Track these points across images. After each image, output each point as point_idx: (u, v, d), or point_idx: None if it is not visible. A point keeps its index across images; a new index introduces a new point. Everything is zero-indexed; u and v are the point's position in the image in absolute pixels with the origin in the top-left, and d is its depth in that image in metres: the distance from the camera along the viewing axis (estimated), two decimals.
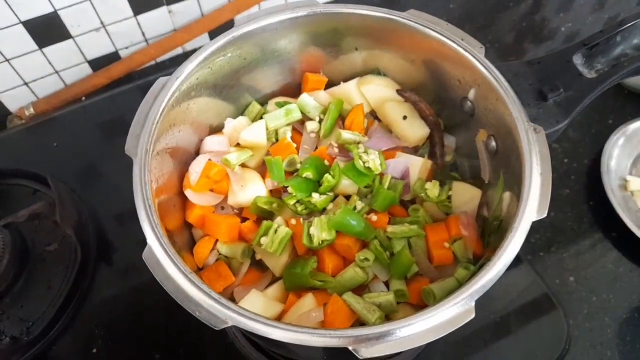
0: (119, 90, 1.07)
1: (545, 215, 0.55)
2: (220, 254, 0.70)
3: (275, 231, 0.66)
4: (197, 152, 0.74)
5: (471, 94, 0.68)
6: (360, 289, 0.65)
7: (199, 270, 0.69)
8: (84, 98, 1.10)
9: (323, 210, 0.69)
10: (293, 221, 0.68)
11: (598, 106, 1.05)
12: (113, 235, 0.90)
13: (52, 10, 0.95)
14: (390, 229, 0.67)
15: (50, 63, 1.04)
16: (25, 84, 1.05)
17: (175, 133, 0.67)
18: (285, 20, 0.70)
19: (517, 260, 0.85)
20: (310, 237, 0.65)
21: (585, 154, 1.00)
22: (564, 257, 0.90)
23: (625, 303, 0.85)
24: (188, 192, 0.70)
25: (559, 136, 1.00)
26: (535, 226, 0.91)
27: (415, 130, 0.75)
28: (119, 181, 0.92)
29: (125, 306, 0.83)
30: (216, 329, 0.49)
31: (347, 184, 0.70)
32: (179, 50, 1.16)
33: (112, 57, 1.10)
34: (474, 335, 0.80)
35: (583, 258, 0.90)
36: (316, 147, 0.76)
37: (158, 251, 0.53)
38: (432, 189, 0.70)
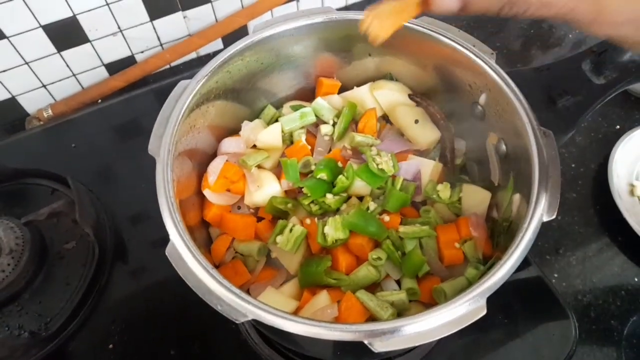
0: (134, 93, 1.08)
1: (554, 216, 0.56)
2: (236, 252, 0.72)
3: (291, 230, 0.68)
4: (214, 154, 0.76)
5: (482, 98, 0.70)
6: (373, 287, 0.67)
7: (215, 267, 0.71)
8: (100, 100, 1.12)
9: (337, 211, 0.71)
10: (308, 221, 0.70)
11: (605, 113, 1.07)
12: (129, 235, 0.92)
13: (71, 14, 0.97)
14: (402, 229, 0.69)
15: (68, 66, 1.06)
16: (44, 86, 1.08)
17: (195, 134, 0.69)
18: (301, 26, 0.72)
19: (525, 263, 0.86)
20: (324, 236, 0.67)
21: (593, 159, 1.01)
22: (571, 261, 0.91)
23: (632, 306, 0.86)
24: (206, 192, 0.72)
25: (566, 142, 1.02)
26: (543, 230, 0.91)
27: (427, 133, 0.77)
28: (135, 182, 0.94)
29: (141, 303, 0.85)
30: (237, 322, 0.51)
31: (360, 185, 0.72)
32: (193, 55, 1.18)
33: (129, 61, 1.12)
34: (482, 337, 0.81)
35: (590, 262, 0.91)
36: (330, 150, 0.78)
37: (181, 247, 0.55)
38: (444, 191, 0.72)
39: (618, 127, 1.05)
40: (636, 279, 0.89)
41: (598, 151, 1.01)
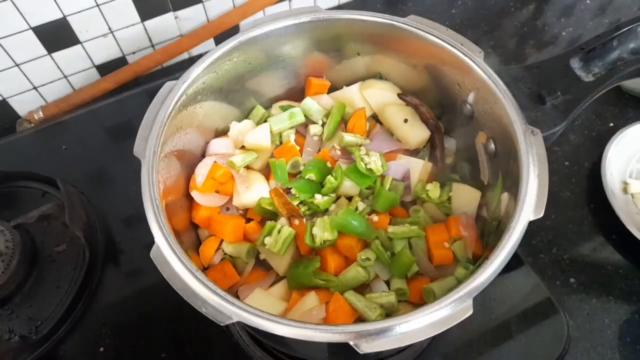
0: (126, 94, 1.08)
1: (542, 215, 0.56)
2: (225, 253, 0.71)
3: (279, 231, 0.68)
4: (203, 155, 0.76)
5: (470, 97, 0.70)
6: (362, 288, 0.67)
7: (204, 269, 0.71)
8: (91, 102, 1.12)
9: (326, 211, 0.71)
10: (296, 222, 0.70)
11: (599, 110, 1.07)
12: (120, 237, 0.91)
13: (61, 16, 0.97)
14: (391, 229, 0.68)
15: (59, 68, 1.06)
16: (35, 88, 1.07)
17: (182, 136, 0.69)
18: (289, 26, 0.72)
19: (518, 262, 0.86)
20: (312, 237, 0.66)
21: (586, 157, 1.01)
22: (565, 259, 0.90)
23: (625, 305, 0.86)
24: (194, 194, 0.71)
25: (560, 139, 1.02)
26: (536, 228, 0.92)
27: (416, 133, 0.76)
28: (126, 184, 0.94)
29: (132, 306, 0.85)
30: (221, 324, 0.50)
31: (349, 186, 0.72)
32: (184, 55, 1.18)
33: (120, 62, 1.12)
34: (475, 336, 0.81)
35: (584, 260, 0.90)
36: (319, 150, 0.78)
37: (165, 250, 0.54)
38: (433, 190, 0.72)
39: (611, 124, 1.04)
40: (630, 277, 0.88)
41: (592, 149, 1.01)
